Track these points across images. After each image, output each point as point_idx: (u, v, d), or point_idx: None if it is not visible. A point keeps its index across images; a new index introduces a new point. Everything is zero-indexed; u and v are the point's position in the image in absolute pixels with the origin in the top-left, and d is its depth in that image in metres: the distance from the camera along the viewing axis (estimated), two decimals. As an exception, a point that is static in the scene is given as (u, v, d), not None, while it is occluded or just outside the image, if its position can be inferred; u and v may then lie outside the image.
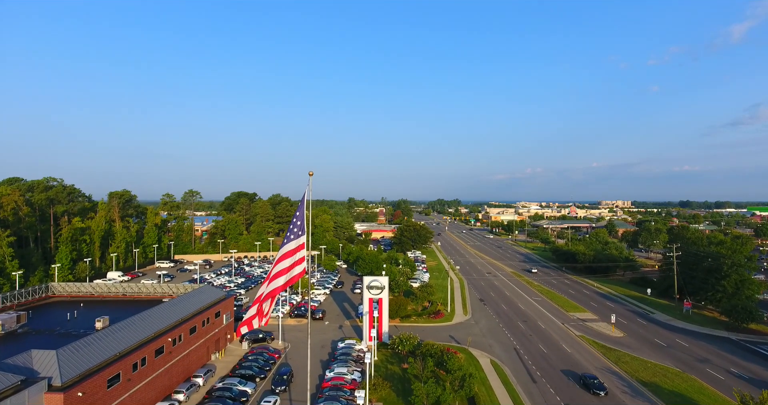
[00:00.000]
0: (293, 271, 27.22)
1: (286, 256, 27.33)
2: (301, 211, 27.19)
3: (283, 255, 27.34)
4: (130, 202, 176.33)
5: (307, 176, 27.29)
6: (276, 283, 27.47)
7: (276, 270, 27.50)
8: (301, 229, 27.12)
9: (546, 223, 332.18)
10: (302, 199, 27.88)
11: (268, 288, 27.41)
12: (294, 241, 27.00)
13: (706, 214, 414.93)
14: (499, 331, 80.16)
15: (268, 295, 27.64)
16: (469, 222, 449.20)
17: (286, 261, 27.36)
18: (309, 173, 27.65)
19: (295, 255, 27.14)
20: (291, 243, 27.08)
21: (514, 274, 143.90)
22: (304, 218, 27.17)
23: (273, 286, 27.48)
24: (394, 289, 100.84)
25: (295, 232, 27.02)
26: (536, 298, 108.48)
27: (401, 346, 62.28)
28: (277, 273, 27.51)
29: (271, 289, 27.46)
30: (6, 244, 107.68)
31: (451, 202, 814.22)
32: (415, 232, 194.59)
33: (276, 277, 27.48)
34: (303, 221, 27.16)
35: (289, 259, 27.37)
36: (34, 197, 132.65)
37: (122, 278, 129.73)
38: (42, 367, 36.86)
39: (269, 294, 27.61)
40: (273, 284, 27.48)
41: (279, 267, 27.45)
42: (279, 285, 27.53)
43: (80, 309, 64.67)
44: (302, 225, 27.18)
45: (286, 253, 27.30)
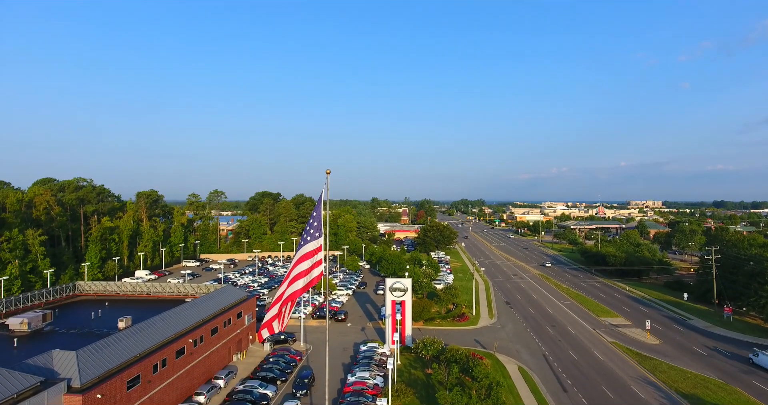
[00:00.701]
0: (312, 274, 25.87)
1: (305, 258, 26.02)
2: (318, 211, 25.76)
3: (302, 256, 26.03)
4: (158, 202, 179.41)
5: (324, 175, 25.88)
6: (296, 286, 26.22)
7: (295, 272, 26.22)
8: (318, 230, 25.70)
9: (573, 223, 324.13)
10: (319, 199, 26.43)
11: (288, 290, 26.17)
12: (311, 242, 25.61)
13: (743, 215, 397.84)
14: (527, 336, 77.37)
15: (288, 298, 26.40)
16: (493, 222, 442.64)
17: (305, 263, 26.05)
18: (326, 171, 26.21)
19: (314, 257, 25.76)
20: (308, 244, 25.72)
21: (541, 276, 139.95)
22: (321, 218, 25.73)
23: (293, 288, 26.25)
24: (417, 290, 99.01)
25: (311, 234, 25.63)
26: (565, 301, 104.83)
27: (425, 351, 60.44)
28: (297, 275, 26.25)
29: (291, 292, 26.23)
30: (38, 243, 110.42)
31: (475, 202, 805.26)
32: (439, 233, 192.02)
33: (295, 280, 26.23)
34: (320, 222, 25.74)
35: (308, 261, 26.05)
36: (65, 197, 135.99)
37: (149, 277, 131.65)
38: (62, 367, 36.55)
39: (289, 297, 26.37)
40: (293, 287, 26.24)
41: (298, 269, 26.16)
42: (299, 288, 26.26)
43: (105, 308, 65.13)
44: (319, 226, 25.76)
45: (305, 255, 25.97)
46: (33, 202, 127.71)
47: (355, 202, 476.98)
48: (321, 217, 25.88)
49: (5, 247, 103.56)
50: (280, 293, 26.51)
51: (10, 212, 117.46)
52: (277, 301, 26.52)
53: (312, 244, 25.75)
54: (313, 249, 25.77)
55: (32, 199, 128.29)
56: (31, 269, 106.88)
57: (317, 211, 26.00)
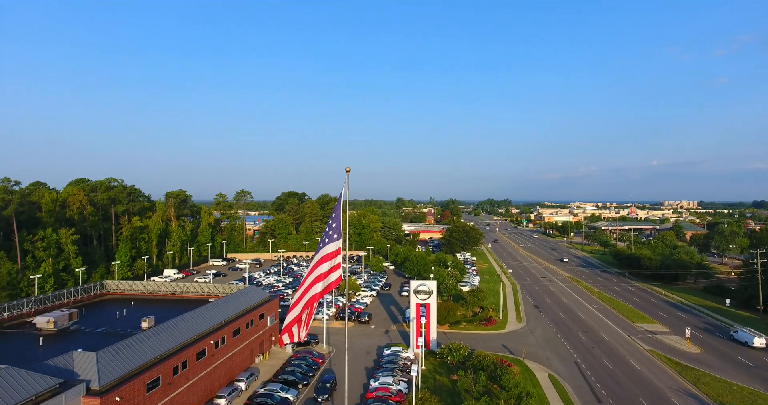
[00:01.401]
0: (330, 278, 24.36)
1: (323, 260, 24.55)
2: (338, 211, 24.22)
3: (321, 259, 24.56)
4: (186, 202, 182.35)
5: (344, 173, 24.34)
6: (315, 290, 24.82)
7: (314, 275, 24.78)
8: (337, 232, 24.16)
9: (604, 224, 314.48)
10: (339, 199, 24.87)
11: (307, 294, 24.78)
12: (329, 244, 24.09)
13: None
14: (557, 342, 74.18)
15: (308, 302, 25.01)
16: (520, 223, 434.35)
17: (324, 265, 24.59)
18: (346, 169, 24.67)
19: (333, 260, 24.25)
20: (327, 246, 24.21)
21: (572, 278, 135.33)
22: (341, 219, 24.18)
23: (312, 292, 24.85)
24: (442, 292, 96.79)
25: (330, 235, 24.11)
26: (597, 305, 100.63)
27: (450, 357, 58.34)
28: (316, 278, 24.81)
29: (310, 296, 24.85)
30: (70, 241, 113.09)
31: (502, 203, 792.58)
32: (465, 233, 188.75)
33: (315, 283, 24.81)
34: (339, 223, 24.18)
35: (327, 263, 24.56)
36: (97, 197, 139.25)
37: (177, 276, 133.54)
38: (82, 369, 36.22)
39: (309, 301, 24.96)
40: (312, 291, 24.85)
41: (318, 271, 24.73)
42: (317, 292, 24.83)
43: (131, 307, 65.54)
44: (338, 227, 24.20)
45: (324, 257, 24.48)
46: (67, 202, 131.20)
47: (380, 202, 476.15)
48: (340, 217, 24.34)
49: (39, 245, 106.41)
50: (298, 296, 25.13)
51: (45, 212, 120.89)
52: (296, 304, 25.17)
53: (331, 246, 24.25)
54: (332, 251, 24.24)
55: (66, 199, 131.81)
56: (64, 267, 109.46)
57: (336, 211, 24.48)
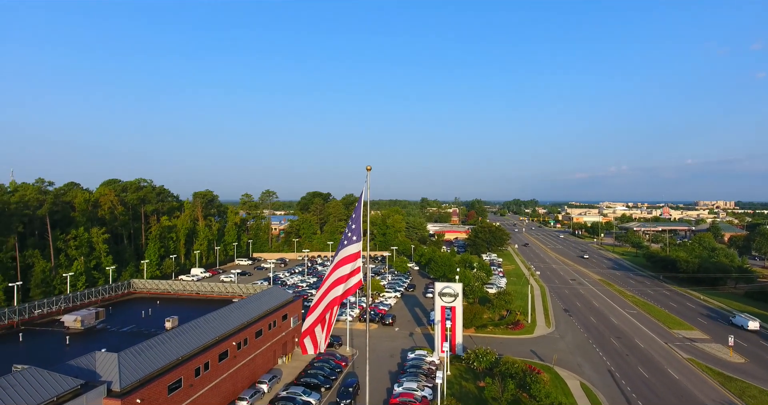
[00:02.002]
0: (349, 282, 22.96)
1: (343, 263, 23.17)
2: (358, 212, 22.84)
3: (340, 261, 23.19)
4: (213, 201, 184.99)
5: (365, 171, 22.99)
6: (334, 293, 23.46)
7: (333, 278, 23.40)
8: (356, 234, 22.76)
9: (636, 225, 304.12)
10: (360, 199, 23.47)
11: (325, 298, 23.44)
12: (348, 247, 22.73)
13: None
14: (589, 349, 71.15)
15: (327, 307, 23.68)
16: (548, 223, 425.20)
17: (344, 268, 23.24)
18: (366, 168, 23.28)
19: (353, 263, 22.88)
20: (346, 248, 22.83)
21: (603, 281, 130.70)
22: (361, 220, 22.82)
23: (330, 296, 23.50)
24: (468, 295, 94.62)
25: (349, 237, 22.76)
26: (630, 310, 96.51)
27: (477, 362, 56.35)
28: (335, 282, 23.45)
29: (329, 301, 23.51)
30: (102, 240, 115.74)
31: (528, 203, 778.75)
32: (491, 234, 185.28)
33: (333, 287, 23.46)
34: (359, 224, 22.80)
35: (347, 266, 23.20)
36: (127, 197, 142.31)
37: (204, 274, 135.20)
38: (104, 370, 36.06)
39: (328, 306, 23.63)
40: (331, 295, 23.51)
41: (336, 274, 23.34)
42: (337, 295, 23.47)
43: (156, 306, 66.01)
44: (358, 228, 22.80)
45: (344, 260, 23.11)
46: (99, 201, 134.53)
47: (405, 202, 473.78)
48: (361, 218, 22.96)
49: (72, 244, 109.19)
50: (317, 300, 23.80)
51: (78, 211, 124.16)
52: (314, 308, 23.87)
53: (350, 249, 22.87)
54: (352, 254, 22.86)
55: (98, 199, 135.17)
56: (95, 266, 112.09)
57: (357, 212, 23.10)
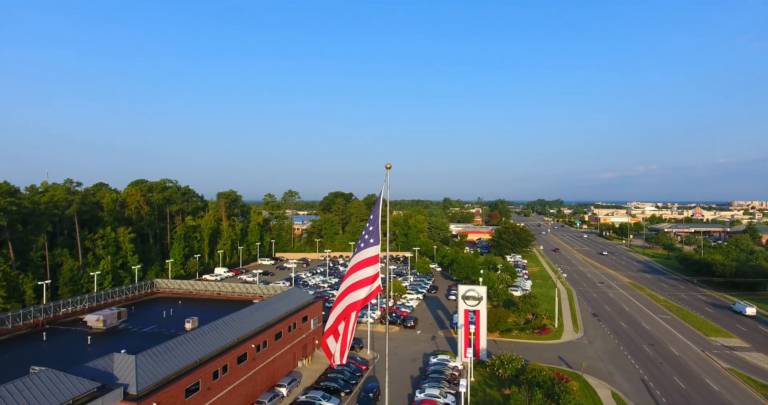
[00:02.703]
0: (367, 288, 21.39)
1: (358, 267, 21.61)
2: (376, 213, 21.35)
3: (356, 265, 21.65)
4: (236, 202, 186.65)
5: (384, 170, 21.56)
6: (351, 299, 21.84)
7: (350, 281, 21.80)
8: (374, 236, 21.23)
9: (667, 226, 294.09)
10: (378, 199, 21.97)
11: (342, 303, 21.83)
12: (365, 250, 21.21)
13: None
14: (620, 356, 68.01)
15: (343, 314, 22.04)
16: (573, 224, 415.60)
17: (363, 271, 21.68)
18: (386, 166, 21.84)
19: (370, 267, 21.35)
20: (362, 252, 21.33)
21: (633, 285, 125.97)
22: (379, 222, 21.32)
23: (347, 301, 21.85)
24: (492, 298, 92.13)
25: (366, 240, 21.27)
26: (663, 315, 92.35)
27: (502, 369, 54.19)
28: (352, 285, 21.86)
29: (346, 306, 21.90)
30: (128, 240, 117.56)
31: (553, 203, 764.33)
32: (515, 235, 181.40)
33: (350, 291, 21.86)
34: (378, 226, 21.28)
35: (367, 269, 21.61)
36: (153, 197, 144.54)
37: (227, 274, 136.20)
38: (121, 372, 35.63)
39: (344, 312, 22.00)
40: (347, 300, 21.86)
41: (354, 278, 21.76)
42: (354, 301, 21.87)
43: (178, 307, 66.10)
44: (376, 231, 21.27)
45: (360, 264, 21.57)
46: (126, 201, 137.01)
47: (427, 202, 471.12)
48: (379, 219, 21.45)
49: (99, 243, 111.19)
50: (333, 306, 22.30)
51: (106, 211, 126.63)
52: (331, 313, 22.38)
53: (368, 252, 21.34)
54: (369, 257, 21.33)
55: (125, 199, 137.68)
56: (121, 265, 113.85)
57: (375, 213, 21.61)
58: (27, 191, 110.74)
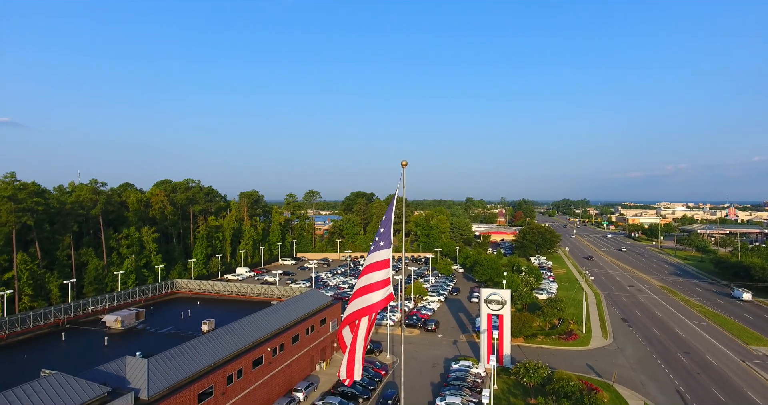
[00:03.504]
0: (377, 294, 19.30)
1: (370, 270, 19.56)
2: (389, 214, 19.48)
3: (368, 267, 19.62)
4: (258, 202, 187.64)
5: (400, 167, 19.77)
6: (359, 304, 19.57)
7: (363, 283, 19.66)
8: (385, 239, 19.27)
9: (700, 227, 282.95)
10: (392, 199, 20.14)
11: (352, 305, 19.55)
12: (375, 252, 19.27)
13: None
14: (653, 364, 64.48)
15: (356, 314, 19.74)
16: (600, 224, 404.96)
17: (373, 275, 19.65)
18: (402, 163, 20.02)
19: (380, 272, 19.38)
20: (373, 254, 19.37)
21: (665, 288, 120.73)
22: (392, 223, 19.45)
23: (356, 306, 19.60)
24: (516, 301, 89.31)
25: (376, 242, 19.39)
26: (699, 322, 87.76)
27: (527, 378, 51.70)
28: (361, 289, 19.70)
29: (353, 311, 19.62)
30: (151, 239, 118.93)
31: (579, 203, 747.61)
32: (540, 236, 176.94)
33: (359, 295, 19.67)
34: (389, 228, 19.38)
35: (377, 273, 19.58)
36: (176, 197, 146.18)
37: (249, 273, 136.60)
38: (133, 376, 34.86)
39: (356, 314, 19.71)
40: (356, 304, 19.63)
41: (363, 281, 19.68)
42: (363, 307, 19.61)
43: (196, 307, 65.77)
44: (388, 232, 19.34)
45: (371, 266, 19.54)
46: (150, 201, 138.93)
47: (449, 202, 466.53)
48: (391, 221, 19.56)
49: (124, 243, 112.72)
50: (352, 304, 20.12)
51: (131, 211, 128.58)
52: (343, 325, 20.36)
53: (379, 255, 19.41)
54: (380, 261, 19.40)
55: (150, 199, 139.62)
56: (145, 264, 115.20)
57: (388, 213, 19.74)
58: (55, 191, 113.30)
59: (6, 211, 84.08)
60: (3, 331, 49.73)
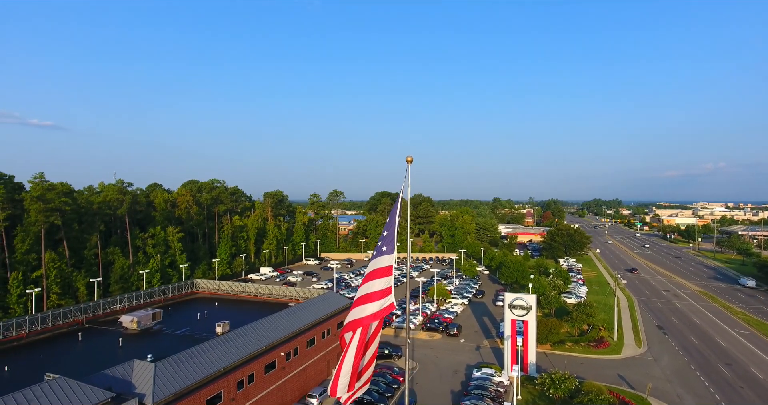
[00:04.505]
0: (377, 304, 17.26)
1: (372, 277, 17.53)
2: (393, 217, 17.52)
3: (369, 274, 17.60)
4: (282, 202, 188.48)
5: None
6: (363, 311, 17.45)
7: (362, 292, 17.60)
8: (388, 243, 17.28)
9: (741, 229, 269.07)
10: (398, 198, 18.09)
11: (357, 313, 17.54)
12: (377, 258, 17.29)
13: None
14: (691, 376, 60.23)
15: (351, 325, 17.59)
16: (633, 225, 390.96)
17: (374, 283, 17.58)
18: (407, 159, 18.00)
19: (382, 279, 17.32)
20: (376, 260, 17.38)
21: (704, 294, 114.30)
22: (395, 226, 17.46)
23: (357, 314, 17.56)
24: (543, 305, 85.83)
25: (379, 247, 17.39)
26: (742, 330, 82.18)
27: (553, 389, 48.70)
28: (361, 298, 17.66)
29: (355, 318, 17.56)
30: (176, 239, 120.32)
31: (610, 203, 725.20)
32: (569, 237, 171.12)
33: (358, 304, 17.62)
34: (393, 231, 17.40)
35: (378, 281, 17.49)
36: (202, 197, 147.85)
37: (272, 273, 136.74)
38: (139, 381, 33.95)
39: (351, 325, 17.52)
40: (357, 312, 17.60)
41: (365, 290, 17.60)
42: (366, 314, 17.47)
43: (214, 308, 65.27)
44: (391, 237, 17.36)
45: (373, 273, 17.50)
46: (177, 201, 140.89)
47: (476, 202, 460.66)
48: (395, 224, 17.55)
49: (149, 242, 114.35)
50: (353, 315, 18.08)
51: (158, 211, 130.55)
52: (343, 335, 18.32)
53: (381, 261, 17.40)
54: (381, 267, 17.38)
55: (176, 199, 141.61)
56: (170, 263, 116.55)
57: (392, 216, 17.77)
58: (85, 191, 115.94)
59: (35, 210, 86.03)
60: (23, 330, 50.10)
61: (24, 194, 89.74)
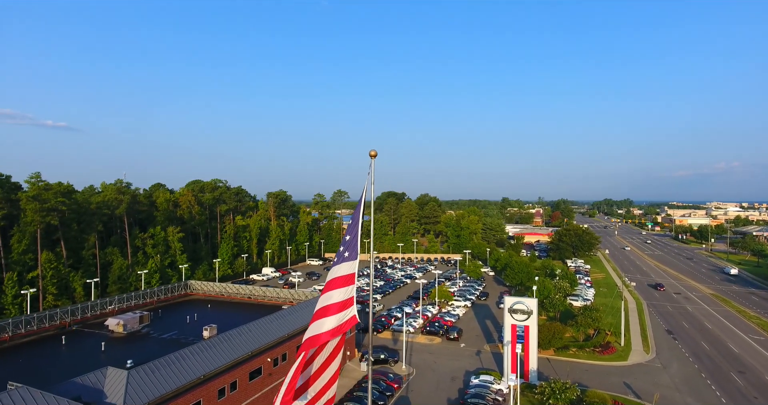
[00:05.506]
0: (338, 316, 15.11)
1: (331, 286, 15.37)
2: (356, 218, 15.46)
3: (329, 283, 15.46)
4: (286, 201, 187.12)
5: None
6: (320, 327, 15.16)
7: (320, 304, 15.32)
8: (351, 248, 15.24)
9: (756, 229, 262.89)
10: (361, 198, 15.99)
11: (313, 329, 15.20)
12: (339, 264, 15.18)
13: None
14: (702, 385, 57.35)
15: (307, 343, 15.13)
16: (645, 225, 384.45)
17: (334, 293, 15.42)
18: (370, 153, 15.91)
19: (343, 289, 15.20)
20: (336, 267, 15.26)
21: (717, 297, 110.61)
22: (359, 229, 15.37)
23: (314, 330, 15.24)
24: (547, 308, 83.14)
25: (341, 253, 15.32)
26: (756, 336, 78.83)
27: (553, 399, 46.25)
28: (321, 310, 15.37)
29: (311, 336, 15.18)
30: (177, 239, 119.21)
31: (621, 203, 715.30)
32: (577, 237, 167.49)
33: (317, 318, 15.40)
34: (357, 235, 15.33)
35: (338, 291, 15.34)
36: (204, 197, 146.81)
37: (274, 274, 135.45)
38: (112, 390, 32.30)
39: (307, 343, 15.05)
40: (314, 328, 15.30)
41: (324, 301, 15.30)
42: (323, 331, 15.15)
43: (206, 310, 63.71)
44: (354, 241, 15.30)
45: (333, 282, 15.36)
46: (179, 201, 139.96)
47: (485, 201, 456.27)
48: (359, 226, 15.47)
49: (149, 242, 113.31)
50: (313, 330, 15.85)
51: (160, 211, 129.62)
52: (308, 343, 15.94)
53: (341, 269, 15.30)
54: (342, 275, 15.27)
55: (178, 198, 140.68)
56: (170, 264, 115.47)
57: (354, 217, 15.72)
58: (85, 191, 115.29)
59: (31, 210, 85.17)
60: (6, 334, 48.78)
61: (20, 194, 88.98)
